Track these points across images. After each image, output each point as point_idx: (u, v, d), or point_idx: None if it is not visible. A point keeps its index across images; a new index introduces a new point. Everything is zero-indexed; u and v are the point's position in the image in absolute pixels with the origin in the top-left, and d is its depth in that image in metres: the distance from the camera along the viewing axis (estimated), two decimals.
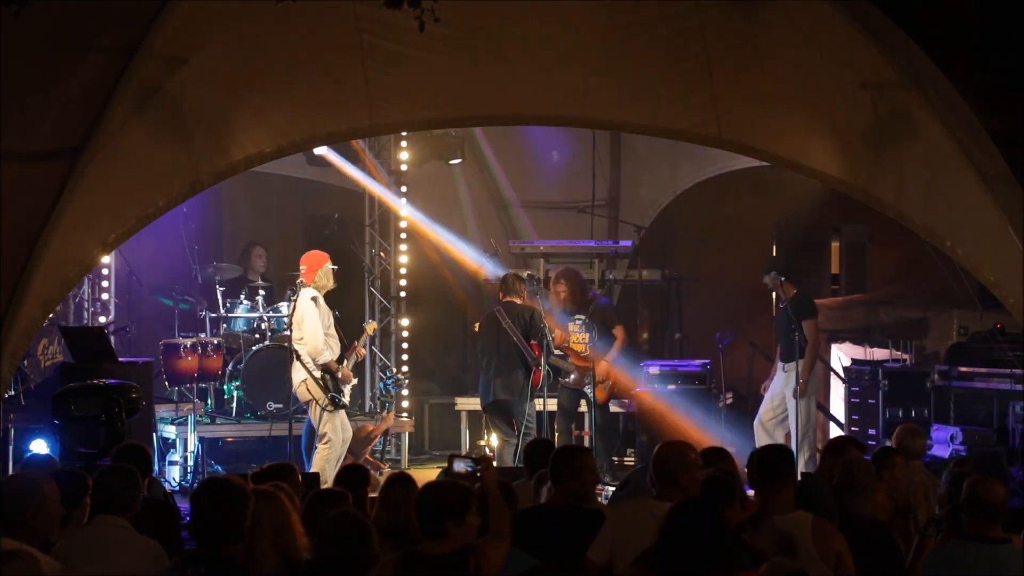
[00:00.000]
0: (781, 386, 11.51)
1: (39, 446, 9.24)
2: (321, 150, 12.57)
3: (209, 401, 12.44)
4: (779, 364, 11.63)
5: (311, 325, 10.41)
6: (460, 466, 5.60)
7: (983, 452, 10.10)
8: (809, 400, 11.34)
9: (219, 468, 11.83)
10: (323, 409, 10.36)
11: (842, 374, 12.30)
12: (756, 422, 11.68)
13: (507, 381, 11.36)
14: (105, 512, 5.78)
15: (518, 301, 11.49)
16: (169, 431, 12.00)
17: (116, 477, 5.98)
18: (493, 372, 11.39)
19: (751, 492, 6.44)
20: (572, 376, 11.87)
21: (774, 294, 11.85)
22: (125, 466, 6.14)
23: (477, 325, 11.89)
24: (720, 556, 4.89)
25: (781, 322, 11.56)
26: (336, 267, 10.92)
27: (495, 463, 10.87)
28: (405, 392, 13.31)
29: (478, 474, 5.54)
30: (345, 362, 10.68)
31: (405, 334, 13.58)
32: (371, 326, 11.85)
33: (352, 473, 7.05)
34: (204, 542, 4.96)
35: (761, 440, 11.34)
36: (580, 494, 6.39)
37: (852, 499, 6.31)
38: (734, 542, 5.36)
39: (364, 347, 11.61)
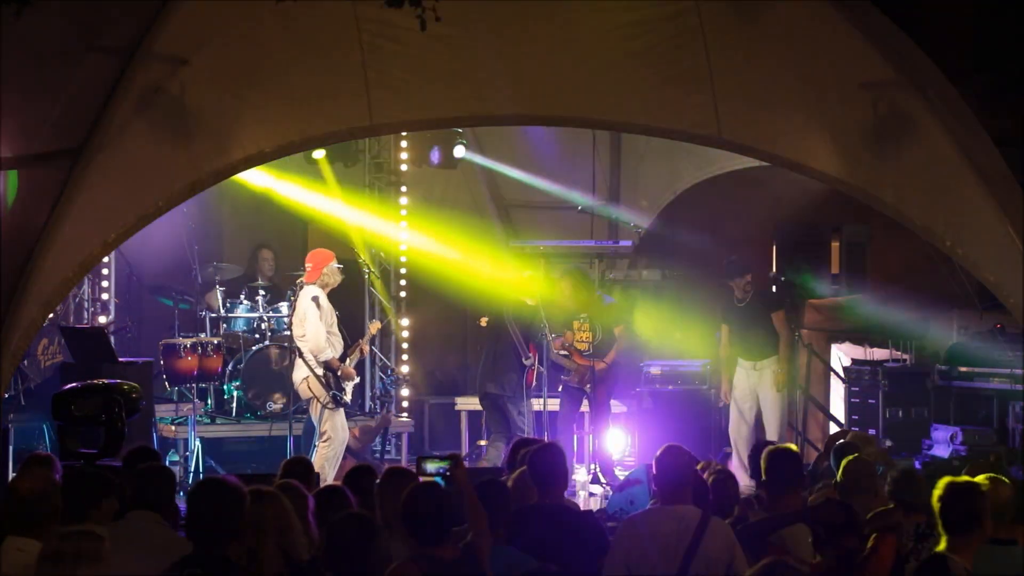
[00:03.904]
0: (753, 387, 11.39)
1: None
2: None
3: (209, 401, 12.45)
4: (745, 365, 11.48)
5: (313, 323, 10.43)
6: (431, 467, 5.60)
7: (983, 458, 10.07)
8: (782, 397, 11.33)
9: (219, 468, 11.83)
10: (324, 407, 10.37)
11: (842, 374, 12.29)
12: (731, 436, 11.54)
13: (499, 376, 11.47)
14: (141, 507, 5.82)
15: (530, 302, 11.54)
16: (169, 431, 12.00)
17: (157, 476, 6.09)
18: (488, 366, 11.51)
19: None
20: (573, 375, 11.88)
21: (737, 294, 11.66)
22: (166, 468, 6.21)
23: (484, 320, 11.93)
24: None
25: (746, 320, 11.41)
26: (342, 265, 10.95)
27: (485, 462, 10.95)
28: (405, 392, 13.32)
29: (448, 473, 5.53)
30: (348, 360, 10.69)
31: (405, 334, 13.58)
32: (375, 325, 11.87)
33: (362, 474, 7.05)
34: (201, 542, 4.96)
35: (738, 449, 11.29)
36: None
37: (852, 499, 6.33)
38: None
39: (368, 345, 11.63)
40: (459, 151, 13.56)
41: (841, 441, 8.02)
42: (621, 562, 5.72)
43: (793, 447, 7.26)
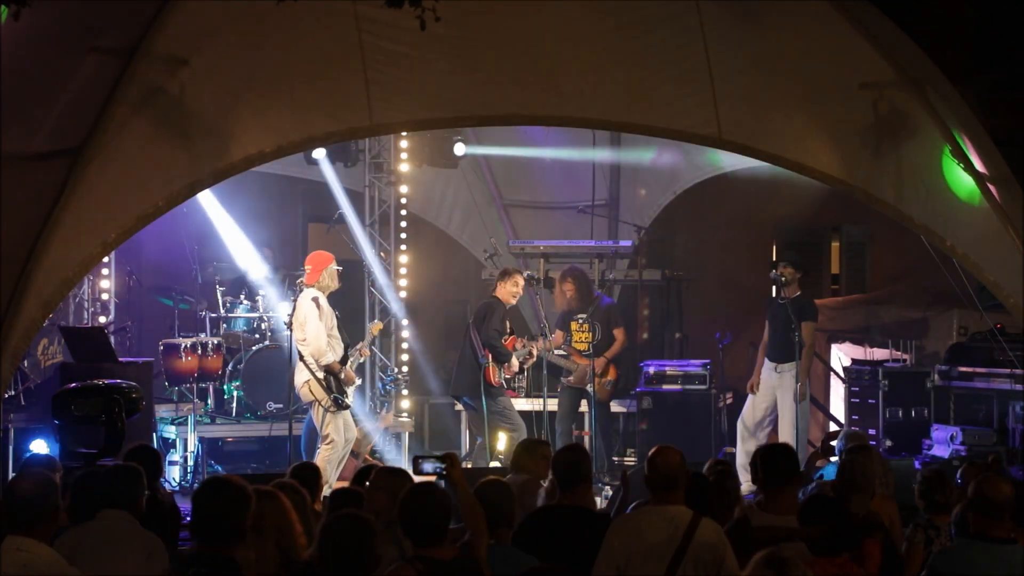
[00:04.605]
0: (773, 387, 11.38)
1: (39, 446, 9.26)
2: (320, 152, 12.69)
3: (209, 401, 12.45)
4: (768, 364, 11.47)
5: (313, 326, 10.40)
6: (428, 467, 5.60)
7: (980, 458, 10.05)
8: (802, 407, 11.26)
9: (219, 468, 11.84)
10: (326, 410, 10.36)
11: (842, 374, 12.29)
12: (739, 422, 11.52)
13: (457, 375, 11.60)
14: (111, 507, 5.82)
15: (498, 296, 11.53)
16: (169, 431, 12.01)
17: (123, 474, 6.08)
18: (455, 365, 11.61)
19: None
20: (573, 375, 11.89)
21: (774, 289, 11.62)
22: (132, 465, 6.21)
23: None
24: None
25: (779, 320, 11.41)
26: (341, 268, 10.93)
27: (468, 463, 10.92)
28: (405, 392, 13.32)
29: (444, 472, 5.53)
30: (349, 363, 10.68)
31: (405, 334, 13.59)
32: (376, 327, 11.88)
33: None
34: (205, 542, 4.95)
35: (743, 440, 11.28)
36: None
37: (849, 498, 6.33)
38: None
39: (368, 348, 11.63)
40: (459, 148, 13.56)
41: (854, 442, 8.00)
42: (611, 562, 5.71)
43: (788, 443, 7.28)
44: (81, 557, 5.57)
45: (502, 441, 11.28)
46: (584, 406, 12.14)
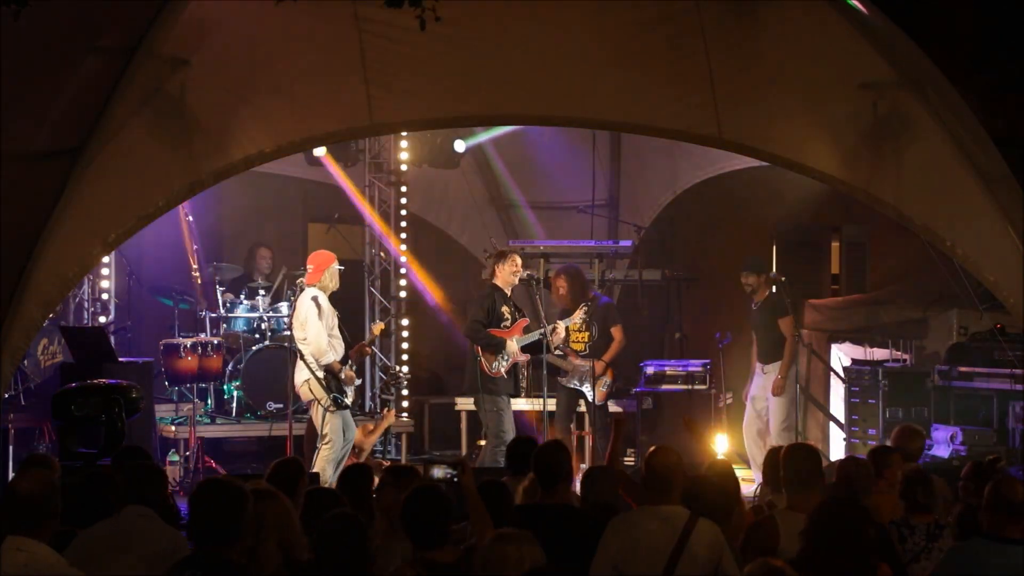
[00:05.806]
0: (763, 388, 11.49)
1: None
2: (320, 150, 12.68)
3: (209, 401, 12.46)
4: (758, 366, 11.62)
5: (314, 325, 10.40)
6: (439, 472, 5.61)
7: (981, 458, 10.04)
8: (787, 400, 11.31)
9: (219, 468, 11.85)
10: (325, 409, 10.36)
11: (842, 374, 12.29)
12: (745, 436, 11.62)
13: (465, 370, 11.46)
14: (133, 503, 5.83)
15: (497, 283, 11.44)
16: (169, 431, 12.01)
17: (145, 471, 6.12)
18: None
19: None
20: (570, 375, 11.87)
21: (755, 294, 11.70)
22: (155, 464, 6.24)
23: None
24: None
25: (757, 325, 11.60)
26: (343, 268, 10.93)
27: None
28: (405, 392, 13.32)
29: (455, 479, 5.54)
30: (349, 363, 10.68)
31: (405, 334, 13.59)
32: (378, 327, 11.88)
33: (356, 472, 7.06)
34: (202, 543, 4.94)
35: (753, 454, 11.38)
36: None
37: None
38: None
39: (370, 347, 11.62)
40: (459, 146, 13.55)
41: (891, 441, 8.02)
42: (608, 562, 5.71)
43: (811, 444, 7.29)
44: (103, 555, 5.58)
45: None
46: (582, 406, 12.15)
